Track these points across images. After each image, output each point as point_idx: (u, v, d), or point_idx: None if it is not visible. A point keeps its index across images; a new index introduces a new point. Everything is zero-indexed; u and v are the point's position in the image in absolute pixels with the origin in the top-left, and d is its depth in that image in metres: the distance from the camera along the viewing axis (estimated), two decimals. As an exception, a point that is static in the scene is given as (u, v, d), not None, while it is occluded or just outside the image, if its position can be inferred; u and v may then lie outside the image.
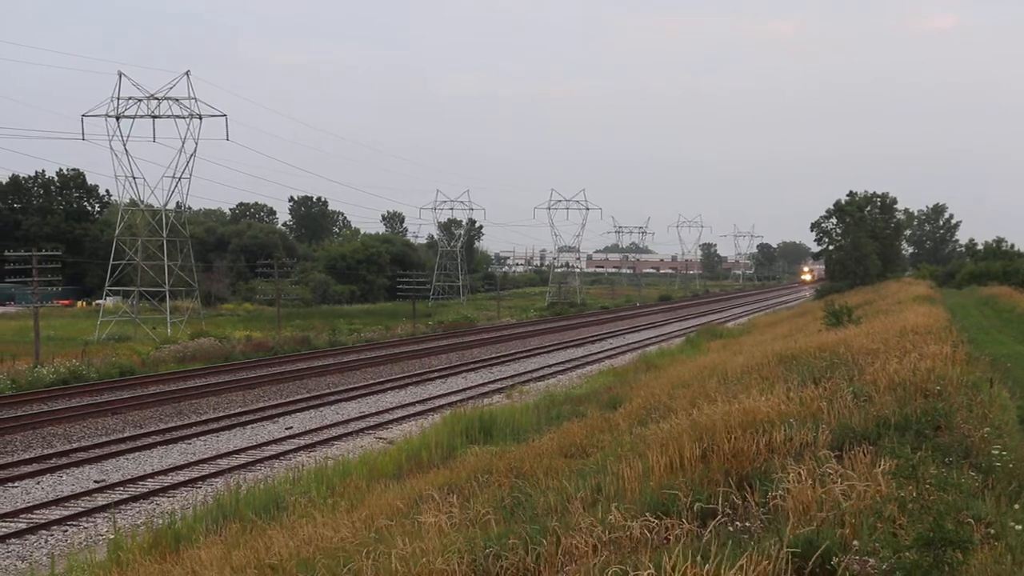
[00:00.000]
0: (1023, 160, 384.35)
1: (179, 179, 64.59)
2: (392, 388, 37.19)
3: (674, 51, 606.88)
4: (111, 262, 64.74)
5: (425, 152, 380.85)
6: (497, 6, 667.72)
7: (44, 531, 17.62)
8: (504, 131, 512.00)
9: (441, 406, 31.56)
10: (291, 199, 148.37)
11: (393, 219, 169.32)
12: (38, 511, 18.91)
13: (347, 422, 29.25)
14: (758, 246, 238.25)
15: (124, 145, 63.24)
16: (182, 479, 21.57)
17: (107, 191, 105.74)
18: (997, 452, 9.44)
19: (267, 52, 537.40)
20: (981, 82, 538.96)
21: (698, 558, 6.55)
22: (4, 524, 18.01)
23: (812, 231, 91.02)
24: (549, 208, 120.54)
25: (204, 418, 29.91)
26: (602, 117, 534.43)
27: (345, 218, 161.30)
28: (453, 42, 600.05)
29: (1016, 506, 7.83)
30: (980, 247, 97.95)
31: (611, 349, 53.93)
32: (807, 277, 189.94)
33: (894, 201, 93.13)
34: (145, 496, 20.07)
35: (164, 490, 20.61)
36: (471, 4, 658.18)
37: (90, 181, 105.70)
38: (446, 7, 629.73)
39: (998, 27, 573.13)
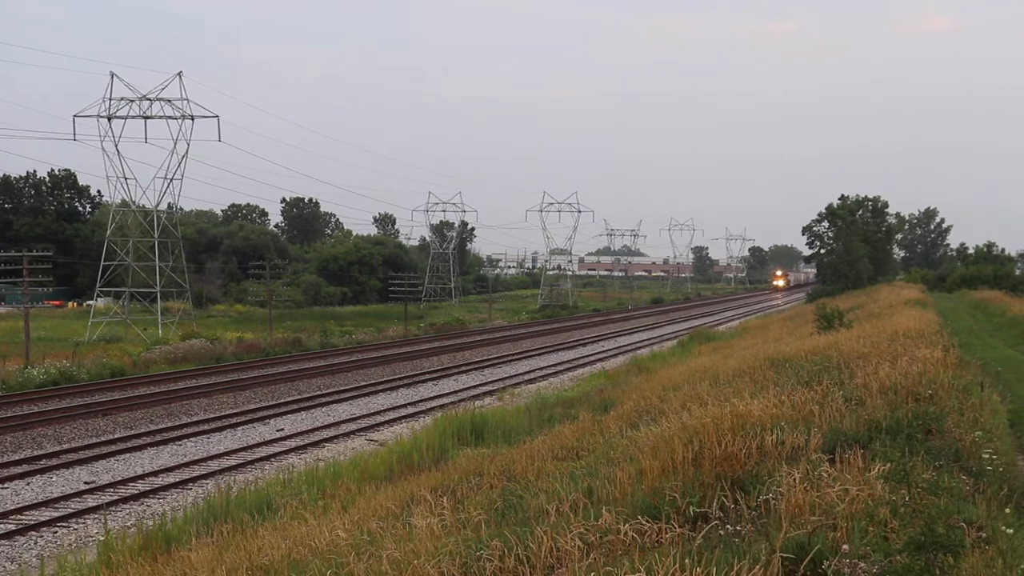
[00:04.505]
0: (1015, 162, 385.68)
1: (171, 180, 64.57)
2: (383, 390, 37.14)
3: (671, 53, 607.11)
4: (102, 263, 64.53)
5: (416, 154, 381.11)
6: (496, 7, 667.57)
7: (34, 532, 17.56)
8: (496, 133, 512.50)
9: (432, 408, 31.54)
10: (283, 200, 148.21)
11: (385, 221, 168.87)
12: (28, 512, 18.84)
13: (338, 424, 29.20)
14: (750, 249, 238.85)
15: (116, 146, 63.11)
16: (173, 480, 21.51)
17: (98, 192, 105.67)
18: (988, 456, 9.47)
19: (259, 53, 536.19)
20: (974, 84, 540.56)
21: (687, 561, 6.55)
22: (-7, 525, 17.93)
23: (804, 234, 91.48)
24: (541, 210, 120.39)
25: (195, 419, 29.82)
26: (594, 120, 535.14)
27: (337, 220, 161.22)
28: (449, 44, 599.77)
29: (1007, 510, 7.84)
30: (971, 251, 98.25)
31: (603, 352, 53.96)
32: (779, 283, 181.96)
33: (885, 205, 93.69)
34: (136, 497, 20.02)
35: (155, 491, 20.55)
36: (469, 6, 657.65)
37: (81, 182, 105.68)
38: (443, 9, 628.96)
39: (993, 29, 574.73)
